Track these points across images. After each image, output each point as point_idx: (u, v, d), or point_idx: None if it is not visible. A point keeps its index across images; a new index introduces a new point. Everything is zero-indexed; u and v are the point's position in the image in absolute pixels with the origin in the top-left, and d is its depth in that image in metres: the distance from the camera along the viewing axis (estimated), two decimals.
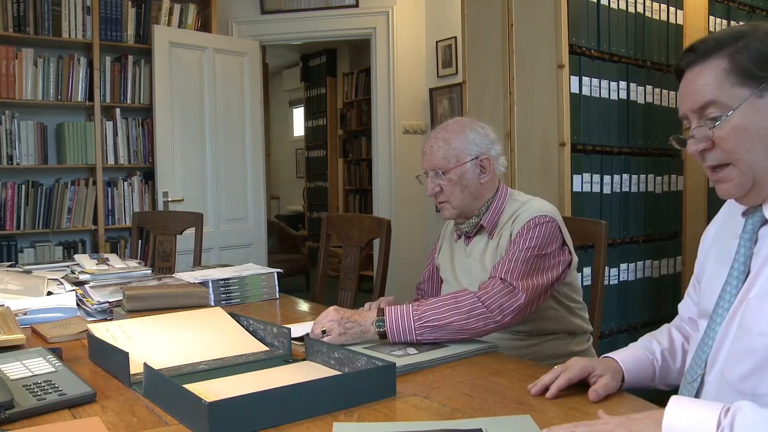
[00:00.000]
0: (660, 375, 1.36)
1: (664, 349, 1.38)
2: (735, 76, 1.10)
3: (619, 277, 3.13)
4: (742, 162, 1.11)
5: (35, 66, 4.09)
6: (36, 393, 1.22)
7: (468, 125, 1.90)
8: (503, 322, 1.63)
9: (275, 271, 2.37)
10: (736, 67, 1.10)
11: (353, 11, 5.10)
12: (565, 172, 2.88)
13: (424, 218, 5.27)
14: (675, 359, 1.38)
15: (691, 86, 1.15)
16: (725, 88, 1.10)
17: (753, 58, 1.09)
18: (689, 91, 1.15)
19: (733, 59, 1.10)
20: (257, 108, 4.98)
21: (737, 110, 1.09)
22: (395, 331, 1.58)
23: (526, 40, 3.05)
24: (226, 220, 4.79)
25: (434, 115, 5.14)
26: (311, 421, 1.13)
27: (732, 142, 1.10)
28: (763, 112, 1.09)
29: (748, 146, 1.10)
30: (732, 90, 1.10)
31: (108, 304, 2.06)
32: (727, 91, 1.10)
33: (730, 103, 1.10)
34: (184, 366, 1.45)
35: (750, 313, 1.10)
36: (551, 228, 1.77)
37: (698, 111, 1.14)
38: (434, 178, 1.89)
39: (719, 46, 1.12)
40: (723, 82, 1.11)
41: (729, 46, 1.11)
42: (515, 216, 1.83)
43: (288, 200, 10.54)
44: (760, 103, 1.09)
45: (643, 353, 1.36)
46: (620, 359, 1.32)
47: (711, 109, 1.12)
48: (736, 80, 1.10)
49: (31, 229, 4.09)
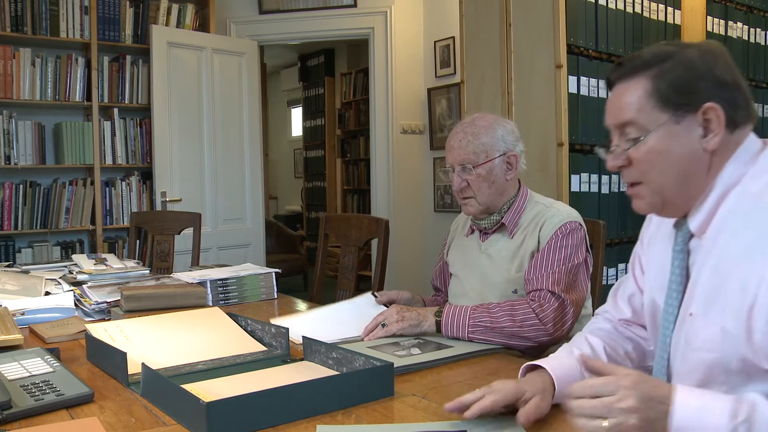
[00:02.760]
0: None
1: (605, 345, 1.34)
2: (655, 99, 1.12)
3: (617, 276, 3.13)
4: (653, 183, 1.14)
5: (33, 66, 4.08)
6: (34, 393, 1.22)
7: (496, 121, 1.91)
8: (556, 335, 1.69)
9: (273, 271, 2.37)
10: (656, 90, 1.12)
11: (351, 11, 5.10)
12: (564, 171, 2.89)
13: (422, 218, 5.27)
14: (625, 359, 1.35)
15: (616, 102, 1.17)
16: (645, 110, 1.12)
17: (673, 83, 1.11)
18: (613, 106, 1.18)
19: (655, 82, 1.12)
20: (255, 108, 4.97)
21: (653, 133, 1.12)
22: (450, 324, 1.67)
23: (524, 40, 3.05)
24: (224, 220, 4.79)
25: (432, 115, 5.14)
26: (309, 421, 1.13)
27: (646, 164, 1.14)
28: (679, 139, 1.11)
29: (661, 169, 1.13)
30: (651, 113, 1.12)
31: (106, 304, 2.06)
32: (646, 113, 1.12)
33: (648, 126, 1.12)
34: (182, 366, 1.45)
35: (691, 329, 1.11)
36: (582, 235, 1.83)
37: (620, 128, 1.16)
38: (461, 172, 1.87)
39: (645, 66, 1.13)
40: (644, 103, 1.13)
41: (654, 67, 1.13)
42: (542, 220, 1.85)
43: (286, 200, 10.54)
44: (676, 129, 1.11)
45: (568, 360, 1.28)
46: (550, 368, 1.23)
47: (630, 129, 1.15)
48: (656, 104, 1.12)
49: (29, 229, 4.09)
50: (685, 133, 1.11)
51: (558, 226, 1.81)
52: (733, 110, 1.10)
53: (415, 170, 5.25)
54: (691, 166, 1.12)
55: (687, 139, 1.11)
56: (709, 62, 1.11)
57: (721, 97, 1.09)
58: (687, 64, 1.11)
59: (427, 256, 5.09)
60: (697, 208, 1.14)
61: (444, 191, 5.09)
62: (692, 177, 1.12)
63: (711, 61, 1.11)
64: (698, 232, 1.14)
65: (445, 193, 5.08)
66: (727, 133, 1.10)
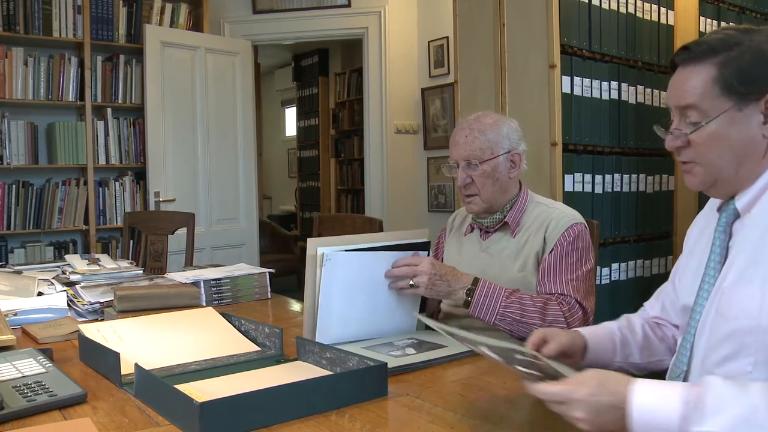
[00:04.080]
0: (621, 348, 1.39)
1: (621, 326, 1.44)
2: (719, 86, 1.15)
3: (611, 276, 3.14)
4: (709, 165, 1.18)
5: (25, 65, 4.07)
6: (26, 394, 1.21)
7: (501, 119, 1.92)
8: None
9: (267, 271, 2.36)
10: (721, 78, 1.14)
11: (345, 11, 5.10)
12: (557, 171, 2.89)
13: (416, 218, 5.27)
14: (635, 335, 1.42)
15: (680, 84, 1.19)
16: (708, 96, 1.15)
17: (739, 73, 1.13)
18: (677, 88, 1.20)
19: (721, 69, 1.14)
20: (249, 108, 4.97)
21: (716, 119, 1.15)
22: (479, 306, 1.68)
23: (517, 40, 3.06)
24: (218, 220, 4.78)
25: (426, 115, 5.14)
26: (302, 421, 1.13)
27: (704, 148, 1.17)
28: (739, 125, 1.14)
29: (718, 153, 1.16)
30: (714, 99, 1.15)
31: (99, 305, 2.05)
32: (709, 99, 1.15)
33: (710, 112, 1.15)
34: (176, 366, 1.45)
35: (725, 300, 1.14)
36: (588, 236, 1.85)
37: (681, 110, 1.19)
38: (466, 168, 1.87)
39: (712, 52, 1.16)
40: (708, 89, 1.15)
41: (721, 53, 1.15)
42: (547, 220, 1.85)
43: (280, 200, 10.52)
44: (738, 116, 1.14)
45: (602, 328, 1.42)
46: (583, 331, 1.38)
47: (692, 113, 1.17)
48: (720, 91, 1.14)
49: (22, 229, 4.07)
50: (746, 120, 1.14)
51: (566, 227, 1.82)
52: None
53: (409, 170, 5.25)
54: (747, 150, 1.15)
55: (747, 125, 1.14)
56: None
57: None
58: (755, 52, 1.13)
59: None
60: (746, 188, 1.17)
61: (438, 191, 5.09)
62: (747, 161, 1.16)
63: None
64: (743, 210, 1.18)
65: (439, 192, 5.08)
66: None
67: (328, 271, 1.56)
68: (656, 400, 0.96)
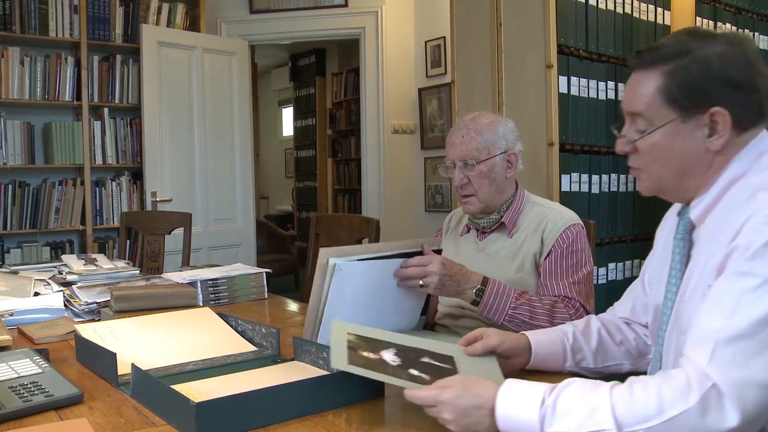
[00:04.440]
0: (572, 354, 1.39)
1: (577, 330, 1.42)
2: (664, 97, 1.13)
3: (608, 276, 3.14)
4: (653, 174, 1.18)
5: (22, 65, 4.06)
6: (22, 394, 1.21)
7: (497, 119, 1.92)
8: None
9: (264, 271, 2.36)
10: (666, 89, 1.13)
11: (342, 11, 5.10)
12: (554, 171, 2.89)
13: (413, 218, 5.27)
14: (589, 341, 1.41)
15: (630, 90, 1.20)
16: (654, 106, 1.14)
17: (683, 85, 1.12)
18: (628, 93, 1.20)
19: (667, 79, 1.13)
20: (246, 108, 4.96)
21: (659, 129, 1.14)
22: (488, 307, 1.69)
23: (514, 40, 3.06)
24: (215, 220, 4.78)
25: (423, 115, 5.14)
26: (299, 421, 1.13)
27: (648, 157, 1.17)
28: (683, 137, 1.13)
29: (661, 163, 1.16)
30: (659, 109, 1.14)
31: (96, 305, 2.05)
32: (655, 108, 1.14)
33: (655, 121, 1.15)
34: (173, 366, 1.45)
35: (683, 316, 1.14)
36: (585, 237, 1.86)
37: (630, 116, 1.19)
38: (463, 168, 1.87)
39: (662, 59, 1.14)
40: (654, 98, 1.14)
41: (670, 62, 1.13)
42: (544, 222, 1.86)
43: (277, 200, 10.52)
44: (682, 128, 1.13)
45: (554, 332, 1.42)
46: (529, 334, 1.39)
47: (639, 120, 1.17)
48: (664, 101, 1.13)
49: (18, 229, 4.06)
50: (690, 133, 1.13)
51: (563, 228, 1.83)
52: (742, 113, 1.11)
53: (406, 170, 5.25)
54: (691, 163, 1.14)
55: (691, 138, 1.13)
56: (727, 63, 1.10)
57: (732, 100, 1.10)
58: (702, 64, 1.11)
59: None
60: (699, 198, 1.16)
61: (435, 191, 5.09)
62: (691, 173, 1.15)
63: (729, 61, 1.10)
64: (697, 221, 1.16)
65: (436, 192, 5.08)
66: (734, 135, 1.11)
67: (338, 281, 1.54)
68: (519, 402, 1.01)
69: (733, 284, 0.98)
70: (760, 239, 0.98)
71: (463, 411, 1.04)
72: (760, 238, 0.98)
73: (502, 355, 1.33)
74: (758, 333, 0.94)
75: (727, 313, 0.97)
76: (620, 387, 0.98)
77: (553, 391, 1.01)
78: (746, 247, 0.99)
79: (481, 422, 1.03)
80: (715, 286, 1.02)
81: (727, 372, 0.93)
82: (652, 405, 0.94)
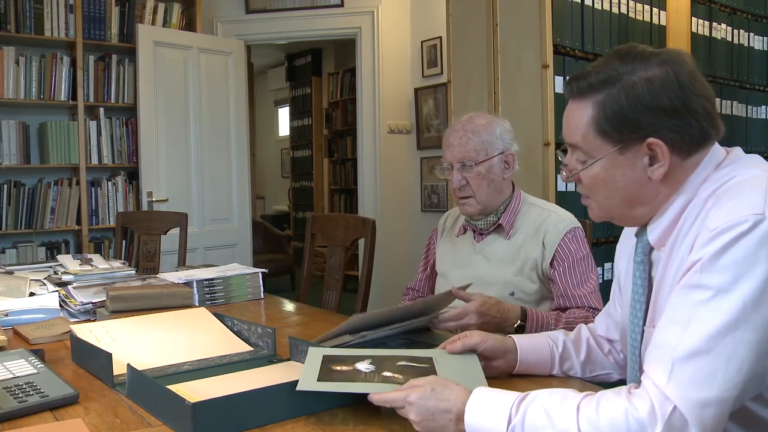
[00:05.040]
0: (560, 363, 1.38)
1: (568, 339, 1.41)
2: (596, 129, 1.11)
3: (603, 276, 3.15)
4: (600, 204, 1.17)
5: (17, 64, 4.05)
6: (17, 395, 1.21)
7: (494, 120, 1.91)
8: None
9: (260, 271, 2.36)
10: (598, 122, 1.10)
11: (338, 11, 5.09)
12: (550, 171, 2.90)
13: (409, 218, 5.28)
14: (579, 351, 1.40)
15: (566, 120, 1.17)
16: (589, 138, 1.12)
17: (613, 116, 1.08)
18: (565, 123, 1.18)
19: (597, 111, 1.10)
20: (242, 108, 4.96)
21: (598, 162, 1.12)
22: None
23: (510, 40, 3.06)
24: (211, 220, 4.77)
25: (419, 115, 5.14)
26: (295, 421, 1.13)
27: (593, 188, 1.16)
28: (623, 168, 1.11)
29: (605, 194, 1.14)
30: (595, 141, 1.12)
31: (91, 305, 2.04)
32: (590, 141, 1.12)
33: (593, 153, 1.13)
34: (168, 367, 1.45)
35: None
36: (584, 237, 1.87)
37: (569, 146, 1.18)
38: (461, 170, 1.87)
39: (591, 89, 1.11)
40: (587, 131, 1.12)
41: (600, 91, 1.10)
42: (544, 226, 1.86)
43: (273, 200, 10.51)
44: (620, 159, 1.10)
45: (544, 338, 1.40)
46: (516, 338, 1.37)
47: (578, 152, 1.15)
48: (598, 134, 1.11)
49: (14, 229, 4.05)
50: (630, 163, 1.10)
51: (564, 232, 1.83)
52: (681, 139, 1.07)
53: (402, 170, 5.25)
54: (636, 193, 1.11)
55: (631, 168, 1.10)
56: (656, 89, 1.06)
57: (667, 127, 1.06)
58: (631, 93, 1.07)
59: (414, 256, 5.08)
60: (655, 221, 1.13)
61: (431, 191, 5.10)
62: (639, 202, 1.12)
63: (659, 87, 1.06)
64: (657, 245, 1.14)
65: (432, 192, 5.09)
66: (678, 160, 1.08)
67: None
68: (487, 414, 1.01)
69: (685, 298, 0.97)
70: (708, 251, 0.96)
71: (429, 413, 1.04)
72: (709, 250, 0.96)
73: (484, 355, 1.32)
74: (714, 347, 0.93)
75: (682, 329, 0.95)
76: (588, 407, 0.96)
77: (520, 405, 0.99)
78: (696, 261, 0.97)
79: (447, 427, 1.03)
80: (670, 301, 1.01)
81: (687, 393, 0.92)
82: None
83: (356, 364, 1.24)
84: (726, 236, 0.95)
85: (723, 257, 0.95)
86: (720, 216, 0.98)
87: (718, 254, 0.95)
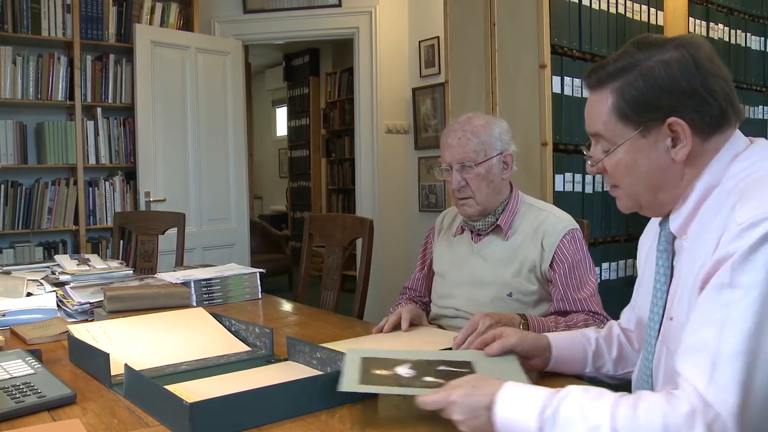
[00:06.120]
0: (593, 360, 1.39)
1: (600, 337, 1.42)
2: (617, 115, 1.12)
3: (601, 276, 3.15)
4: (627, 191, 1.17)
5: (14, 64, 4.04)
6: (14, 395, 1.21)
7: (492, 120, 1.91)
8: None
9: (258, 271, 2.36)
10: (617, 107, 1.11)
11: (336, 11, 5.09)
12: (548, 171, 2.90)
13: (406, 218, 5.28)
14: (610, 348, 1.41)
15: (588, 111, 1.18)
16: (611, 124, 1.13)
17: (633, 101, 1.10)
18: (587, 114, 1.19)
19: (616, 97, 1.11)
20: (240, 108, 4.96)
21: (621, 147, 1.13)
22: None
23: (508, 40, 3.06)
24: (209, 220, 4.77)
25: (417, 115, 5.14)
26: (293, 421, 1.13)
27: (617, 175, 1.16)
28: (646, 152, 1.11)
29: (630, 181, 1.15)
30: (617, 126, 1.13)
31: (89, 305, 2.04)
32: (612, 127, 1.13)
33: (615, 140, 1.13)
34: (166, 367, 1.45)
35: (671, 337, 1.12)
36: (583, 239, 1.86)
37: (592, 136, 1.18)
38: (460, 171, 1.86)
39: (609, 77, 1.13)
40: (609, 117, 1.13)
41: (618, 79, 1.11)
42: (542, 228, 1.85)
43: (271, 200, 10.51)
44: (643, 142, 1.11)
45: (577, 336, 1.41)
46: (550, 336, 1.38)
47: (601, 141, 1.16)
48: (618, 119, 1.12)
49: (11, 229, 4.04)
50: (652, 146, 1.10)
51: (562, 234, 1.83)
52: (701, 119, 1.07)
53: (400, 170, 5.25)
54: (660, 176, 1.12)
55: (654, 151, 1.11)
56: (673, 70, 1.07)
57: (689, 106, 1.07)
58: (648, 76, 1.08)
59: (412, 256, 5.08)
60: (677, 210, 1.14)
61: (429, 191, 5.10)
62: (663, 186, 1.13)
63: (676, 69, 1.07)
64: (679, 233, 1.14)
65: (430, 192, 5.09)
66: (699, 141, 1.09)
67: None
68: (517, 410, 1.00)
69: (718, 297, 0.96)
70: (738, 247, 0.95)
71: (472, 411, 1.02)
72: (738, 246, 0.95)
73: (522, 354, 1.32)
74: (751, 347, 0.92)
75: (719, 329, 0.94)
76: (623, 405, 0.94)
77: (553, 399, 0.98)
78: (725, 258, 0.97)
79: (487, 424, 1.01)
80: (701, 300, 1.00)
81: (728, 397, 0.91)
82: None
83: (396, 368, 1.23)
84: (756, 232, 0.94)
85: (754, 255, 0.94)
86: (748, 210, 0.97)
87: (749, 252, 0.94)
